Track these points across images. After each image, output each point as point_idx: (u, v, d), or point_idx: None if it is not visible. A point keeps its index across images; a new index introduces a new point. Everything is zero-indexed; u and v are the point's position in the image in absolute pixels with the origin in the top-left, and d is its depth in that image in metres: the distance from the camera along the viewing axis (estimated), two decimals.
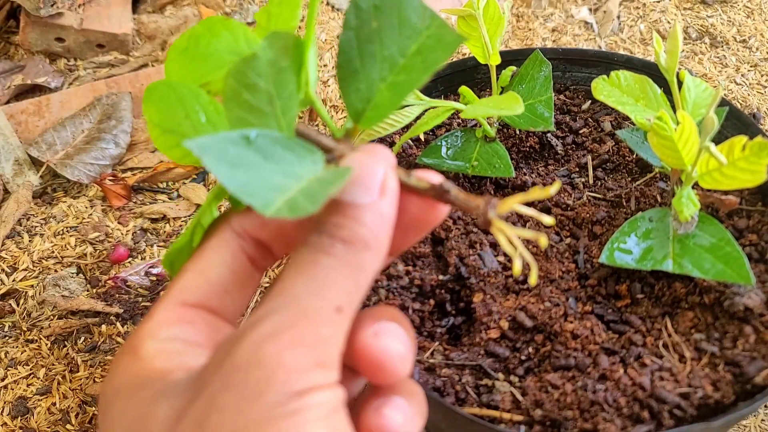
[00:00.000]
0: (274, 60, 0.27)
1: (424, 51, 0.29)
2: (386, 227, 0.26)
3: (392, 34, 0.29)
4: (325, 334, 0.23)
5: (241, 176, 0.24)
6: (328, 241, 0.25)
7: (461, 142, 0.52)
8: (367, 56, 0.29)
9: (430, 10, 0.29)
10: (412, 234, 0.30)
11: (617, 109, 0.44)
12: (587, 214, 0.49)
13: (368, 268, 0.25)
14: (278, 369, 0.21)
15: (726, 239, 0.42)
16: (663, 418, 0.38)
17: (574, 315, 0.44)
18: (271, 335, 0.22)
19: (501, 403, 0.40)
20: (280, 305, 0.23)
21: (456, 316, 0.46)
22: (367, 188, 0.26)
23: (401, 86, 0.29)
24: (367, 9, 0.29)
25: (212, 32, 0.33)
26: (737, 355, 0.41)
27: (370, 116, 0.30)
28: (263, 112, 0.28)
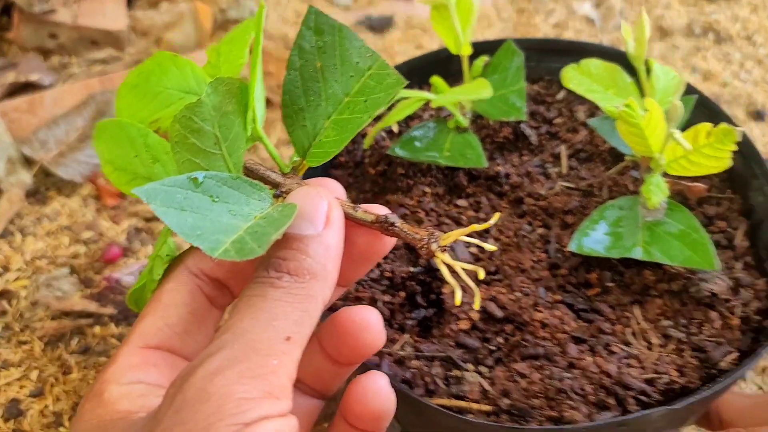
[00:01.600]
0: (218, 105, 0.28)
1: (367, 91, 0.31)
2: (333, 257, 0.27)
3: (335, 73, 0.31)
4: (275, 365, 0.23)
5: (189, 219, 0.25)
6: (276, 274, 0.26)
7: (434, 132, 0.52)
8: (312, 95, 0.31)
9: (372, 50, 0.31)
10: (362, 265, 0.32)
11: (586, 97, 0.44)
12: (559, 204, 0.49)
13: (317, 296, 0.26)
14: (227, 401, 0.22)
15: (694, 226, 0.42)
16: (628, 404, 0.39)
17: (544, 304, 0.44)
18: (220, 369, 0.23)
19: (469, 394, 0.41)
20: (229, 340, 0.24)
21: (427, 308, 0.46)
22: (312, 221, 0.27)
23: (346, 124, 0.31)
24: (310, 50, 0.31)
25: (162, 69, 0.34)
26: (703, 341, 0.41)
27: (316, 153, 0.31)
28: (210, 153, 0.29)
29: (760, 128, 0.78)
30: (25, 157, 0.75)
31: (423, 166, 0.52)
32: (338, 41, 0.30)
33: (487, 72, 0.52)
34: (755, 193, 0.47)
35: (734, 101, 0.81)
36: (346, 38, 0.31)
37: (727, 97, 0.81)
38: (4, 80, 0.85)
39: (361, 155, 0.56)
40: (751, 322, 0.42)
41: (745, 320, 0.42)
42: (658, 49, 0.88)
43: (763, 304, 0.42)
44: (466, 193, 0.52)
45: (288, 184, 0.30)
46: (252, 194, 0.28)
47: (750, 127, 0.78)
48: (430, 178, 0.52)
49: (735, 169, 0.49)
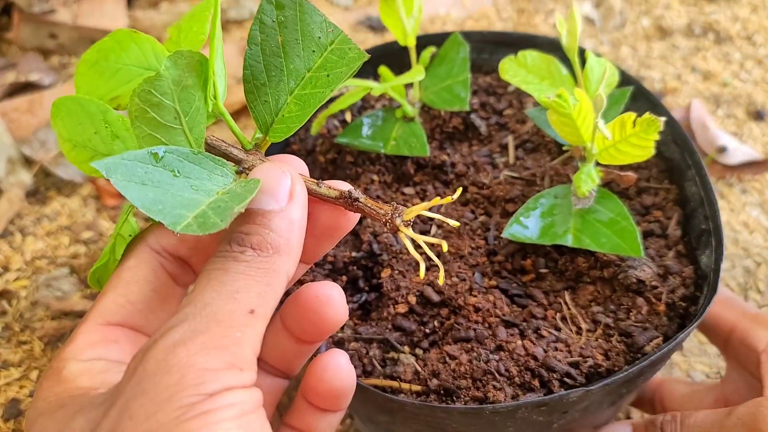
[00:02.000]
0: (178, 78, 0.28)
1: (329, 66, 0.30)
2: (296, 232, 0.27)
3: (297, 48, 0.30)
4: (239, 337, 0.23)
5: (150, 194, 0.25)
6: (239, 248, 0.26)
7: (381, 121, 0.53)
8: (274, 70, 0.30)
9: (334, 25, 0.30)
10: (326, 241, 0.32)
11: (521, 88, 0.45)
12: (501, 193, 0.50)
13: (280, 271, 0.26)
14: (189, 372, 0.22)
15: (623, 214, 0.43)
16: (553, 386, 0.40)
17: (479, 289, 0.45)
18: (182, 341, 0.22)
19: (403, 375, 0.42)
20: (191, 313, 0.24)
21: (369, 292, 0.47)
22: (275, 196, 0.27)
23: (308, 99, 0.31)
24: (271, 24, 0.30)
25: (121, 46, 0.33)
26: (630, 326, 0.42)
27: (279, 128, 0.31)
28: (171, 128, 0.29)
29: (760, 128, 0.79)
30: (25, 157, 0.75)
31: (372, 154, 0.53)
32: (299, 15, 0.30)
33: (434, 63, 0.53)
34: (689, 184, 0.48)
35: (734, 101, 0.81)
36: (307, 12, 0.30)
37: (727, 96, 0.82)
38: (4, 80, 0.85)
39: (312, 143, 0.57)
40: (677, 308, 0.43)
41: (671, 306, 0.43)
42: (658, 49, 0.89)
43: (690, 291, 0.43)
44: (413, 182, 0.53)
45: (250, 160, 0.30)
46: (214, 170, 0.28)
47: (750, 126, 0.79)
48: (379, 166, 0.53)
49: (672, 160, 0.50)
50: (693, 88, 0.84)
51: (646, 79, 0.85)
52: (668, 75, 0.86)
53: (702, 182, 0.47)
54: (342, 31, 0.30)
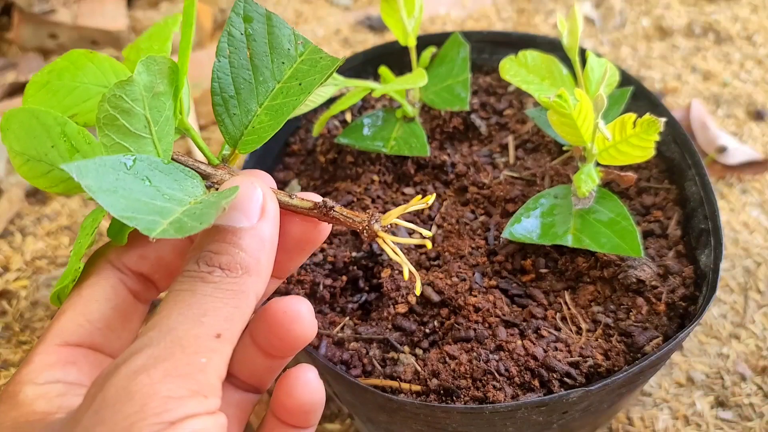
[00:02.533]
0: (150, 84, 0.27)
1: (300, 75, 0.30)
2: (267, 251, 0.26)
3: (266, 60, 0.30)
4: (203, 363, 0.22)
5: (123, 201, 0.24)
6: (207, 268, 0.25)
7: (382, 121, 0.53)
8: (242, 82, 0.30)
9: (303, 37, 0.30)
10: (296, 255, 0.31)
11: (522, 88, 0.45)
12: (502, 193, 0.50)
13: (250, 292, 0.25)
14: (151, 400, 0.21)
15: (623, 214, 0.43)
16: (553, 386, 0.40)
17: (479, 289, 0.45)
18: (144, 367, 0.22)
19: (403, 375, 0.42)
20: (155, 337, 0.23)
21: (369, 292, 0.47)
22: (246, 212, 0.26)
23: (279, 109, 0.30)
24: (240, 37, 0.30)
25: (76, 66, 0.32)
26: (630, 326, 0.42)
27: (249, 140, 0.31)
28: (140, 137, 0.28)
29: (761, 128, 0.79)
30: None
31: (372, 154, 0.53)
32: (267, 29, 0.30)
33: (434, 63, 0.53)
34: (689, 183, 0.48)
35: (734, 101, 0.81)
36: (275, 26, 0.30)
37: (727, 96, 0.82)
38: (4, 80, 0.85)
39: (313, 143, 0.57)
40: (677, 308, 0.43)
41: (671, 306, 0.43)
42: (658, 49, 0.89)
43: (689, 291, 0.43)
44: (413, 182, 0.53)
45: (219, 174, 0.30)
46: (185, 180, 0.28)
47: (750, 126, 0.79)
48: (379, 166, 0.53)
49: (673, 160, 0.50)
50: (693, 88, 0.84)
51: (646, 79, 0.85)
52: (668, 75, 0.86)
53: (702, 182, 0.47)
54: (311, 42, 0.30)
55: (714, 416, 0.55)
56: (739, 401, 0.56)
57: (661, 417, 0.55)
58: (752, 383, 0.57)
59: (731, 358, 0.59)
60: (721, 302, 0.63)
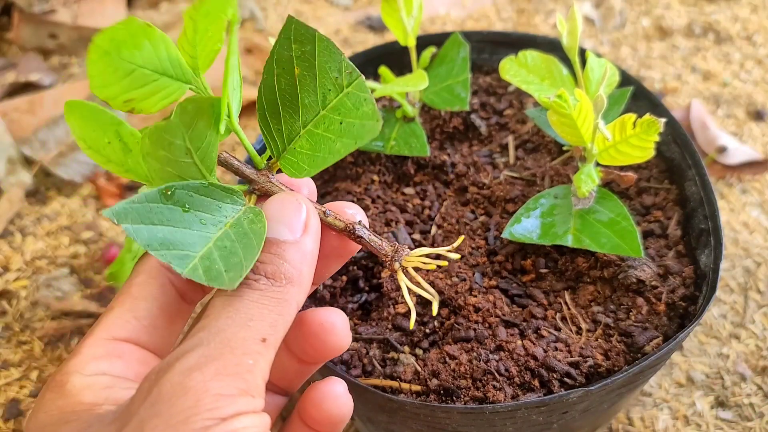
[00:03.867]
0: (189, 123, 0.28)
1: (343, 110, 0.30)
2: (309, 263, 0.27)
3: (312, 84, 0.30)
4: (251, 364, 0.24)
5: (160, 234, 0.26)
6: (253, 276, 0.26)
7: (382, 121, 0.53)
8: (288, 102, 0.31)
9: (353, 67, 0.30)
10: (334, 263, 0.33)
11: (522, 88, 0.45)
12: (502, 193, 0.50)
13: (292, 301, 0.26)
14: (204, 397, 0.22)
15: (623, 214, 0.43)
16: (553, 386, 0.40)
17: (479, 289, 0.45)
18: (197, 365, 0.23)
19: (403, 375, 0.42)
20: (205, 338, 0.24)
21: (369, 292, 0.47)
22: (290, 227, 0.27)
23: (319, 141, 0.30)
24: (288, 58, 0.30)
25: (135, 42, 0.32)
26: (630, 326, 0.42)
27: (290, 160, 0.31)
28: (182, 163, 0.29)
29: (760, 128, 0.78)
30: (25, 157, 0.75)
31: (372, 154, 0.53)
32: (317, 51, 0.30)
33: (434, 63, 0.53)
34: (689, 184, 0.48)
35: (734, 101, 0.81)
36: (326, 50, 0.30)
37: (727, 96, 0.82)
38: (4, 80, 0.85)
39: None
40: (677, 308, 0.43)
41: (671, 306, 0.43)
42: (658, 49, 0.89)
43: (689, 291, 0.43)
44: (413, 182, 0.53)
45: (261, 181, 0.30)
46: (224, 199, 0.29)
47: (750, 126, 0.79)
48: (379, 166, 0.53)
49: (673, 160, 0.50)
50: (693, 88, 0.84)
51: (646, 79, 0.85)
52: (668, 75, 0.86)
53: (702, 182, 0.47)
54: (360, 74, 0.30)
55: (714, 416, 0.55)
56: (739, 401, 0.56)
57: (661, 417, 0.55)
58: (752, 383, 0.57)
59: (731, 358, 0.59)
60: (721, 302, 0.63)
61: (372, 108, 0.30)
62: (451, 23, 0.97)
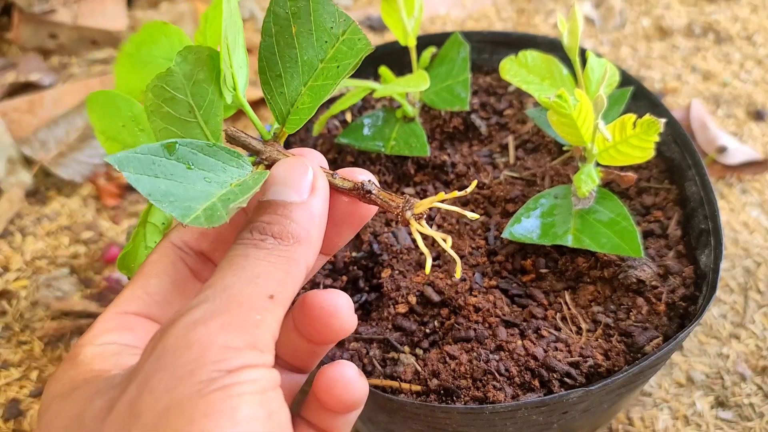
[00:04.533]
0: (189, 73, 0.28)
1: (339, 56, 0.30)
2: (317, 224, 0.27)
3: (310, 39, 0.30)
4: (258, 319, 0.23)
5: (162, 186, 0.25)
6: (259, 236, 0.26)
7: (382, 121, 0.53)
8: (288, 61, 0.31)
9: (346, 15, 0.30)
10: (346, 230, 0.32)
11: (522, 88, 0.45)
12: (502, 193, 0.50)
13: (300, 260, 0.26)
14: (210, 349, 0.22)
15: (623, 214, 0.43)
16: (553, 386, 0.40)
17: (479, 289, 0.45)
18: (202, 319, 0.23)
19: (403, 375, 0.42)
20: (211, 294, 0.24)
21: (369, 292, 0.47)
22: (297, 188, 0.27)
23: (319, 91, 0.31)
24: (284, 15, 0.30)
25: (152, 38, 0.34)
26: (630, 326, 0.42)
27: (294, 120, 0.31)
28: (186, 122, 0.29)
29: (761, 128, 0.78)
30: (25, 157, 0.75)
31: (372, 154, 0.53)
32: (312, 6, 0.30)
33: (434, 63, 0.53)
34: (689, 184, 0.48)
35: (734, 101, 0.81)
36: (320, 3, 0.30)
37: (727, 96, 0.82)
38: (4, 80, 0.85)
39: (313, 143, 0.57)
40: (677, 308, 0.43)
41: (671, 306, 0.43)
42: (658, 49, 0.89)
43: (689, 291, 0.43)
44: (413, 182, 0.53)
45: (268, 151, 0.30)
46: (229, 161, 0.28)
47: (750, 126, 0.79)
48: (379, 166, 0.53)
49: (673, 160, 0.50)
50: (693, 88, 0.84)
51: (646, 79, 0.85)
52: (668, 75, 0.86)
53: (702, 182, 0.47)
54: (353, 20, 0.30)
55: (714, 416, 0.55)
56: (739, 401, 0.56)
57: (661, 417, 0.55)
58: (752, 383, 0.57)
59: (731, 358, 0.59)
60: (721, 302, 0.63)
61: (365, 41, 0.30)
62: (451, 23, 0.97)
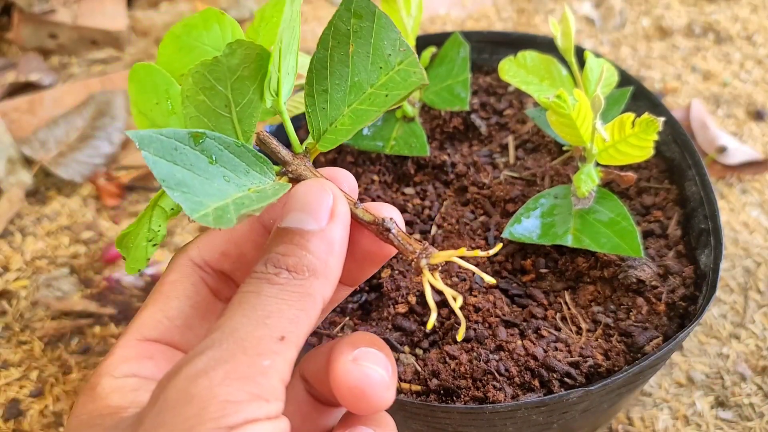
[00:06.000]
0: (234, 67, 0.27)
1: (390, 85, 0.29)
2: (336, 254, 0.25)
3: (365, 61, 0.29)
4: (266, 366, 0.22)
5: (179, 175, 0.24)
6: (273, 270, 0.24)
7: (382, 121, 0.53)
8: (338, 78, 0.29)
9: (407, 44, 0.29)
10: (368, 266, 0.30)
11: (521, 89, 0.45)
12: (502, 193, 0.50)
13: (316, 295, 0.24)
14: (210, 404, 0.21)
15: (623, 214, 0.43)
16: (553, 386, 0.40)
17: (479, 289, 0.45)
18: (205, 370, 0.22)
19: (403, 374, 0.42)
20: (218, 339, 0.23)
21: (369, 292, 0.47)
22: (315, 215, 0.25)
23: (362, 115, 0.29)
24: (345, 32, 0.29)
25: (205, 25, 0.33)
26: (630, 326, 0.42)
27: (330, 138, 0.30)
28: (220, 115, 0.28)
29: (760, 128, 0.78)
30: (25, 157, 0.75)
31: (372, 154, 0.53)
32: (375, 28, 0.29)
33: (434, 63, 0.53)
34: (689, 183, 0.48)
35: (734, 101, 0.81)
36: (384, 27, 0.29)
37: (727, 96, 0.82)
38: (4, 80, 0.85)
39: None
40: (677, 308, 0.43)
41: (671, 306, 0.43)
42: (658, 49, 0.89)
43: (689, 291, 0.43)
44: (413, 182, 0.53)
45: (296, 164, 0.29)
46: (254, 165, 0.27)
47: (750, 126, 0.78)
48: (379, 166, 0.53)
49: (673, 160, 0.50)
50: (693, 88, 0.84)
51: (646, 79, 0.85)
52: (668, 75, 0.86)
53: (702, 182, 0.47)
54: (413, 52, 0.29)
55: (714, 416, 0.55)
56: (739, 401, 0.56)
57: (661, 417, 0.55)
58: (752, 383, 0.57)
59: (731, 358, 0.59)
60: (721, 302, 0.63)
61: (420, 77, 0.29)
62: (451, 23, 0.97)
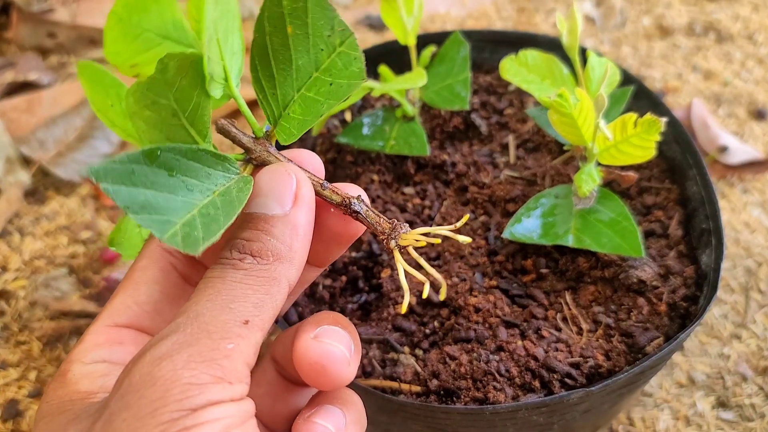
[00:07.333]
0: (171, 80, 0.27)
1: (333, 71, 0.29)
2: (300, 237, 0.25)
3: (305, 43, 0.29)
4: (230, 349, 0.22)
5: (141, 197, 0.24)
6: (238, 255, 0.25)
7: (381, 121, 0.53)
8: (283, 62, 0.29)
9: (345, 24, 0.28)
10: (335, 246, 0.30)
11: (522, 88, 0.45)
12: (502, 192, 0.50)
13: (281, 279, 0.25)
14: (173, 386, 0.21)
15: (624, 214, 0.43)
16: (554, 387, 0.40)
17: (479, 289, 0.45)
18: (168, 353, 0.22)
19: (403, 375, 0.42)
20: (182, 323, 0.23)
21: (369, 292, 0.47)
22: (279, 199, 0.25)
23: (312, 105, 0.29)
24: (279, 14, 0.28)
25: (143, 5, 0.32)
26: (631, 326, 0.42)
27: (284, 127, 0.29)
28: (170, 125, 0.28)
29: (761, 127, 0.78)
30: (24, 157, 0.75)
31: (372, 154, 0.53)
32: (309, 6, 0.28)
33: (434, 62, 0.53)
34: (690, 183, 0.47)
35: (735, 100, 0.81)
36: (318, 5, 0.28)
37: (727, 96, 0.81)
38: (2, 80, 0.85)
39: (312, 143, 0.56)
40: (678, 308, 0.43)
41: (672, 306, 0.43)
42: (659, 48, 0.89)
43: (690, 291, 0.43)
44: (413, 181, 0.53)
45: (258, 150, 0.29)
46: (215, 165, 0.27)
47: (751, 126, 0.78)
48: (379, 166, 0.53)
49: (674, 159, 0.50)
50: (694, 88, 0.84)
51: (647, 78, 0.85)
52: (669, 74, 0.86)
53: (703, 182, 0.46)
54: (352, 32, 0.28)
55: (715, 417, 0.55)
56: (740, 402, 0.56)
57: (661, 417, 0.55)
58: (753, 384, 0.57)
59: (732, 358, 0.59)
60: (722, 302, 0.63)
61: (360, 67, 0.28)
62: (451, 22, 0.96)
